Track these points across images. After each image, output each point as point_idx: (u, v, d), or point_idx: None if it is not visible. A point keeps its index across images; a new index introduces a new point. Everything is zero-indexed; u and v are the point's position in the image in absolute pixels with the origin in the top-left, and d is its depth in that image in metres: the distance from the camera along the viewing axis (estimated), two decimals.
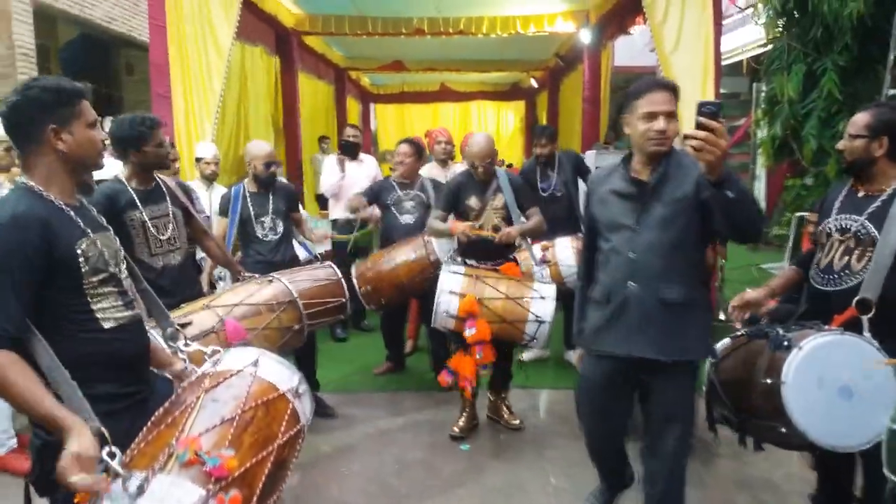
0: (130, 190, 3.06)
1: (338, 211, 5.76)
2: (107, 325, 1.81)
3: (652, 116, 2.32)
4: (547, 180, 4.95)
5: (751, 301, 2.77)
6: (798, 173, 6.44)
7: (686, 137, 2.03)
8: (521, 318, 3.55)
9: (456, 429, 3.87)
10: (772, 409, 2.23)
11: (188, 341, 2.02)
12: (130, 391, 1.86)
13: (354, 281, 4.23)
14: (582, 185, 4.91)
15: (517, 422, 3.93)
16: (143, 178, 3.12)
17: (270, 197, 4.06)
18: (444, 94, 14.11)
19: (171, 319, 2.11)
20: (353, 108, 12.92)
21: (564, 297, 3.87)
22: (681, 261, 2.41)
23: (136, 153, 3.06)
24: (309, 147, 9.29)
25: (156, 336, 2.11)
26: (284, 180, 4.81)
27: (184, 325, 2.55)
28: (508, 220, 3.84)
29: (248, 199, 4.04)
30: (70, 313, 1.76)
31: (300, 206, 4.54)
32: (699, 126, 2.00)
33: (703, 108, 2.00)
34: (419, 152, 4.72)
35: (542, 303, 3.57)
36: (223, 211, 4.08)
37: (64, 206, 1.78)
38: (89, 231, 1.82)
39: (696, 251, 2.48)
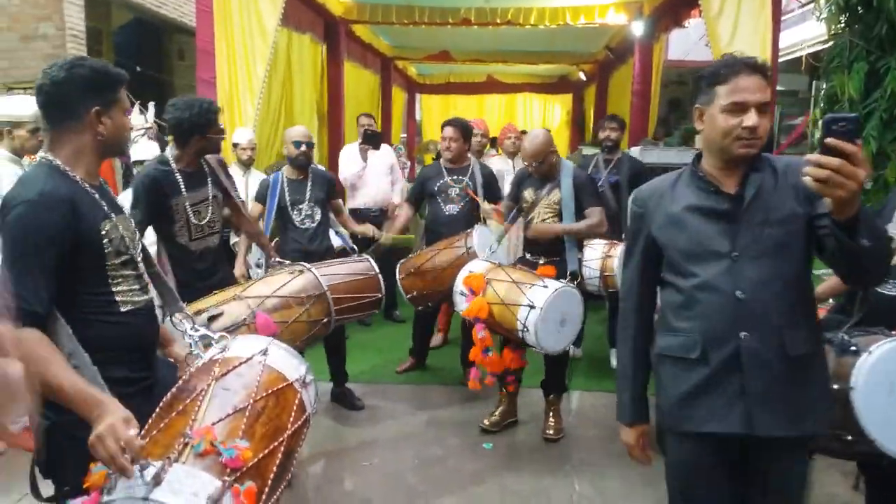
0: (177, 173, 3.02)
1: (356, 201, 5.69)
2: (124, 309, 1.81)
3: (740, 108, 1.74)
4: (598, 173, 4.77)
5: None
6: None
7: (810, 165, 1.46)
8: (517, 302, 3.38)
9: (486, 422, 3.79)
10: (837, 417, 2.10)
11: (196, 325, 1.97)
12: (141, 376, 1.86)
13: (399, 285, 4.16)
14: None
15: (552, 433, 3.73)
16: (192, 161, 3.09)
17: (308, 184, 4.02)
18: (491, 86, 13.98)
19: (180, 304, 2.07)
20: (399, 97, 12.88)
21: (587, 298, 3.74)
22: (802, 298, 1.82)
23: (200, 139, 3.04)
24: (352, 136, 9.28)
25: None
26: (322, 168, 4.79)
27: (216, 317, 2.54)
28: (562, 218, 3.68)
29: (286, 187, 4.02)
30: (91, 295, 1.76)
31: (338, 195, 4.48)
32: (828, 149, 1.43)
33: (834, 126, 1.43)
34: (465, 134, 4.54)
35: (541, 290, 3.33)
36: (260, 197, 4.07)
37: (88, 187, 1.78)
38: (112, 214, 1.81)
39: (810, 282, 1.89)
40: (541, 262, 3.75)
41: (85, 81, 1.74)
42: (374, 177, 5.49)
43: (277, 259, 3.40)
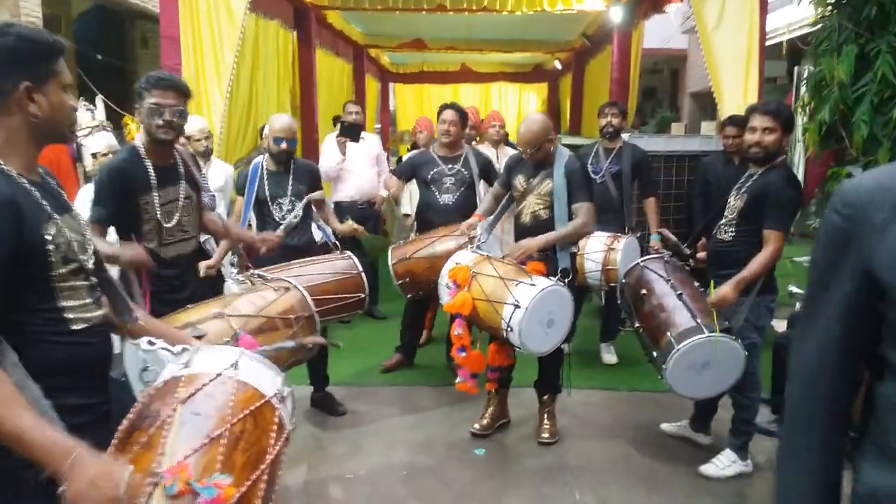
0: (149, 166, 2.66)
1: (340, 194, 5.46)
2: (75, 327, 1.55)
3: None
4: (598, 164, 4.56)
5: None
6: (842, 162, 6.04)
7: None
8: (502, 300, 3.17)
9: (477, 426, 3.62)
10: None
11: (152, 339, 1.70)
12: (95, 402, 1.61)
13: (391, 270, 3.96)
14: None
15: (547, 436, 3.55)
16: (160, 153, 2.72)
17: (290, 177, 3.76)
18: (465, 75, 13.83)
19: (134, 314, 1.80)
20: (372, 87, 12.62)
21: (582, 291, 3.60)
22: None
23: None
24: (326, 126, 9.01)
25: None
26: (304, 159, 4.52)
27: (198, 338, 2.28)
28: (552, 209, 3.47)
29: (266, 179, 3.75)
30: (36, 313, 1.49)
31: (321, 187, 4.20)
32: None
33: None
34: (463, 120, 4.38)
35: (528, 289, 3.12)
36: (240, 189, 3.81)
37: (27, 183, 1.50)
38: (55, 214, 1.52)
39: None
40: (534, 256, 3.54)
41: (10, 52, 1.45)
42: (358, 168, 5.24)
43: (255, 273, 3.03)
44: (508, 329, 3.11)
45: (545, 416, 3.62)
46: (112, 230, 2.71)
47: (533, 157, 3.48)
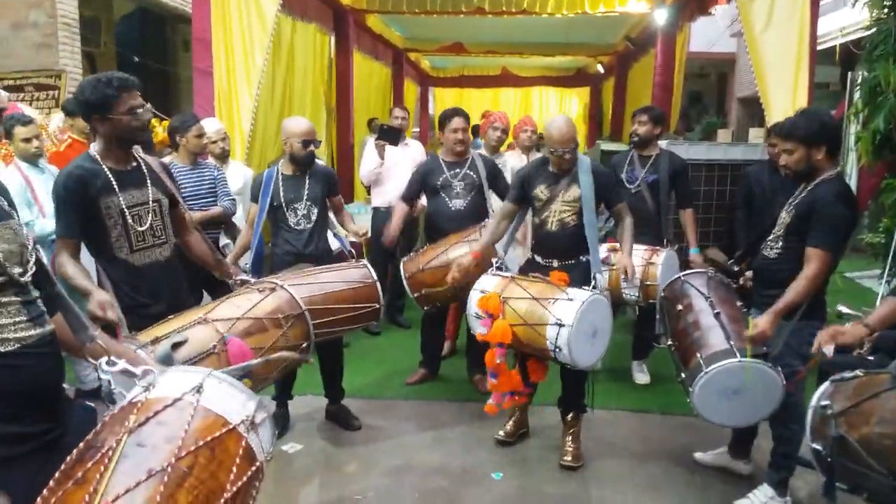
0: (106, 170, 2.54)
1: (379, 199, 5.36)
2: (4, 349, 1.44)
3: None
4: (633, 172, 4.35)
5: (846, 343, 2.26)
6: (895, 172, 5.68)
7: None
8: (542, 321, 3.06)
9: (501, 433, 3.56)
10: None
11: (112, 359, 1.58)
12: (38, 430, 1.48)
13: (405, 283, 3.88)
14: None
15: (570, 459, 3.35)
16: (118, 156, 2.59)
17: (307, 181, 3.63)
18: (505, 79, 13.70)
19: (90, 332, 1.69)
20: (411, 90, 12.59)
21: (616, 307, 3.49)
22: None
23: (101, 120, 2.48)
24: (362, 130, 8.96)
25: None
26: (322, 162, 4.40)
27: (179, 344, 2.18)
28: (581, 215, 3.34)
29: (281, 183, 3.63)
30: None
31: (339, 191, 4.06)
32: None
33: None
34: (468, 125, 4.29)
35: (567, 305, 3.02)
36: (255, 196, 3.69)
37: None
38: None
39: None
40: (554, 265, 3.39)
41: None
42: (399, 174, 5.09)
43: (241, 277, 2.93)
44: (557, 350, 3.02)
45: (569, 438, 3.43)
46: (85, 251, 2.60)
47: (562, 162, 3.34)
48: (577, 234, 3.34)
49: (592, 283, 3.27)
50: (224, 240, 4.06)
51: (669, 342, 3.16)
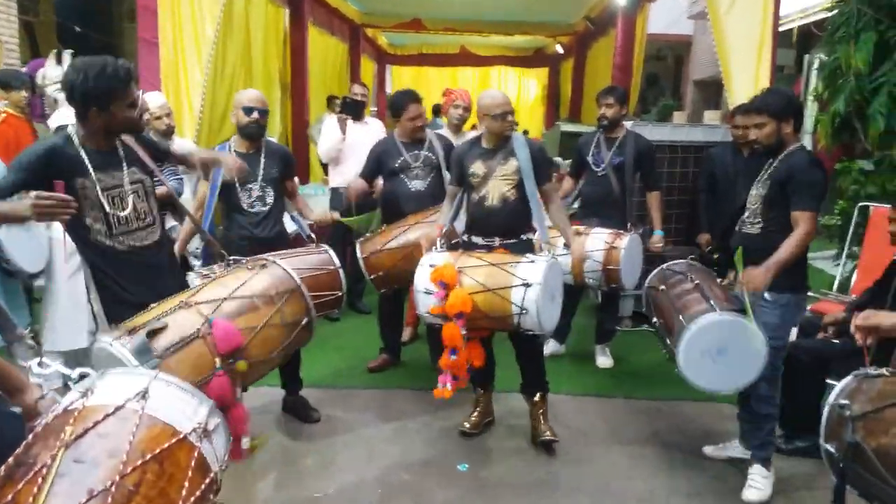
0: (81, 150, 2.36)
1: (337, 179, 5.15)
2: None
3: None
4: (599, 154, 4.26)
5: (881, 327, 2.20)
6: (852, 156, 5.75)
7: None
8: (506, 284, 2.96)
9: (467, 424, 3.45)
10: None
11: (45, 360, 1.41)
12: None
13: (362, 265, 3.72)
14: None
15: (549, 434, 3.30)
16: (100, 141, 2.41)
17: (261, 160, 3.42)
18: (464, 58, 13.57)
19: (19, 330, 1.52)
20: (368, 68, 12.31)
21: (572, 293, 3.54)
22: None
23: (99, 114, 2.32)
24: (318, 108, 8.70)
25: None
26: (274, 140, 4.18)
27: (158, 331, 1.99)
28: (521, 189, 3.25)
29: None
30: None
31: (295, 173, 3.87)
32: None
33: None
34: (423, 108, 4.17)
35: (530, 266, 2.98)
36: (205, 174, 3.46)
37: None
38: None
39: None
40: (495, 243, 3.29)
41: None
42: (359, 152, 4.87)
43: (232, 258, 2.69)
44: (522, 312, 2.92)
45: (541, 418, 3.37)
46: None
47: (499, 131, 3.26)
48: (518, 209, 3.27)
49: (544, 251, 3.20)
50: (171, 222, 3.82)
51: (655, 319, 3.15)
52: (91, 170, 2.36)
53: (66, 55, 4.80)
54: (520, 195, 3.26)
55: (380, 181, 4.21)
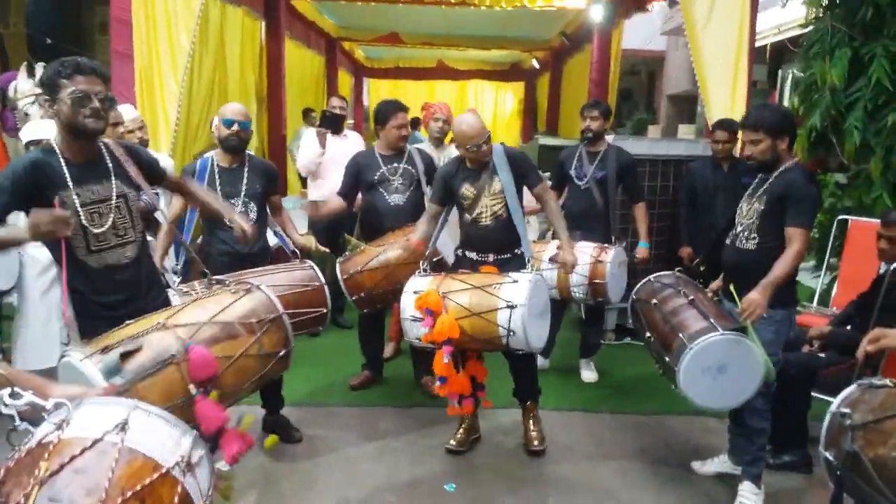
0: (62, 161, 2.27)
1: (316, 192, 5.08)
2: None
3: None
4: (582, 168, 4.25)
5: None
6: (826, 170, 5.82)
7: None
8: (492, 307, 2.95)
9: (453, 442, 3.39)
10: None
11: (16, 390, 1.32)
12: None
13: (342, 285, 3.63)
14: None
15: (536, 443, 3.38)
16: (75, 148, 2.32)
17: (244, 174, 3.35)
18: (441, 72, 13.63)
19: None
20: (345, 81, 12.30)
21: (556, 307, 3.50)
22: None
23: (50, 104, 2.24)
24: (295, 121, 8.63)
25: None
26: (254, 155, 4.07)
27: (131, 353, 1.90)
28: (508, 208, 3.26)
29: (217, 176, 3.33)
30: None
31: (278, 189, 3.77)
32: None
33: None
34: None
35: (513, 287, 2.98)
36: None
37: None
38: None
39: None
40: (490, 259, 3.29)
41: None
42: (337, 167, 4.80)
43: (215, 278, 2.63)
44: (510, 334, 2.92)
45: (531, 422, 3.46)
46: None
47: (478, 157, 3.24)
48: (510, 225, 3.29)
49: (530, 267, 3.25)
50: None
51: (647, 335, 3.12)
52: (71, 184, 2.27)
53: (39, 68, 4.66)
54: (509, 212, 3.26)
55: (359, 198, 4.13)
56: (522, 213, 3.35)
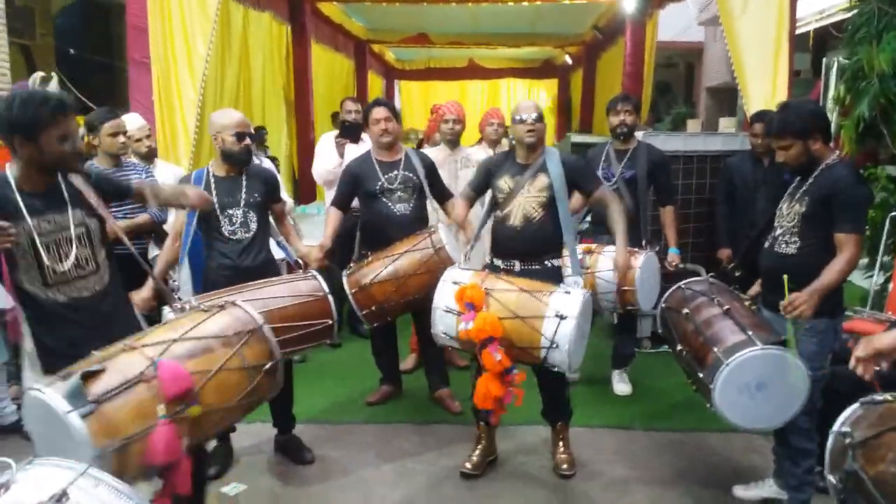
0: (14, 191, 2.16)
1: None
2: None
3: None
4: (609, 167, 4.02)
5: (883, 349, 1.94)
6: (877, 162, 5.46)
7: None
8: (538, 314, 2.72)
9: (468, 465, 3.18)
10: None
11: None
12: None
13: (351, 300, 3.45)
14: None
15: (565, 468, 3.18)
16: (37, 181, 2.21)
17: (243, 183, 3.18)
18: (472, 71, 13.48)
19: None
20: (376, 84, 12.21)
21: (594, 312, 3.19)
22: None
23: (25, 144, 2.12)
24: (324, 125, 8.54)
25: None
26: (260, 163, 3.89)
27: (94, 374, 1.76)
28: (551, 207, 3.04)
29: (214, 186, 3.17)
30: None
31: (282, 195, 3.61)
32: None
33: None
34: (397, 116, 3.84)
35: (565, 297, 2.77)
36: None
37: None
38: None
39: None
40: (515, 268, 3.08)
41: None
42: None
43: (186, 301, 2.41)
44: (553, 346, 2.70)
45: (560, 445, 3.26)
46: None
47: (524, 132, 3.09)
48: (542, 231, 3.06)
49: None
50: (154, 251, 3.62)
51: (679, 347, 2.89)
52: (26, 215, 2.15)
53: (53, 82, 4.63)
54: (546, 216, 3.04)
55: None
56: (569, 220, 3.13)
